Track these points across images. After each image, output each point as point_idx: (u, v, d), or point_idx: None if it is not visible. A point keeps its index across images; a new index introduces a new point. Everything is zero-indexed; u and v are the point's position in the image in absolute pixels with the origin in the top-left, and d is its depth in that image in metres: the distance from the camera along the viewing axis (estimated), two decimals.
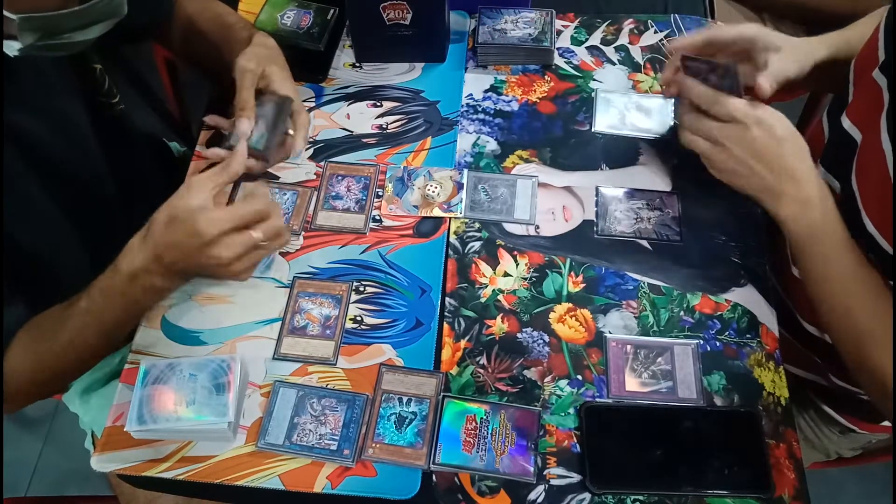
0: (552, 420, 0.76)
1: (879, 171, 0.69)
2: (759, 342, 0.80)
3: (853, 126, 0.76)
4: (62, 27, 0.65)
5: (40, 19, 0.63)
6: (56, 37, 0.66)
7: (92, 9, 0.65)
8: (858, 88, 0.77)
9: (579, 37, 1.06)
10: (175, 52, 1.01)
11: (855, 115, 0.76)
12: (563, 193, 0.91)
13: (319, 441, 0.73)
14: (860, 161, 0.74)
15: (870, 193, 0.72)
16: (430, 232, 0.88)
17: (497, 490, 0.72)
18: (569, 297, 0.83)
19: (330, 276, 0.85)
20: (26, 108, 0.73)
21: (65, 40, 0.67)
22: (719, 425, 0.75)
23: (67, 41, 0.67)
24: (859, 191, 0.73)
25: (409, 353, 0.80)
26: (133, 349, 0.80)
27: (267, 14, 1.02)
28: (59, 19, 0.64)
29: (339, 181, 0.92)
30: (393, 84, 1.01)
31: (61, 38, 0.66)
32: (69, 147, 0.79)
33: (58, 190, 0.79)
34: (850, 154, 0.75)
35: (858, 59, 0.78)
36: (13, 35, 0.64)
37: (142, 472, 0.73)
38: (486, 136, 0.96)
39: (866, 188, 0.72)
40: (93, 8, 0.65)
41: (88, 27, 0.68)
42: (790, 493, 0.72)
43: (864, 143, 0.73)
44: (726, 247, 0.87)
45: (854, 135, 0.75)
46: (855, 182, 0.74)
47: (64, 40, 0.67)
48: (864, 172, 0.73)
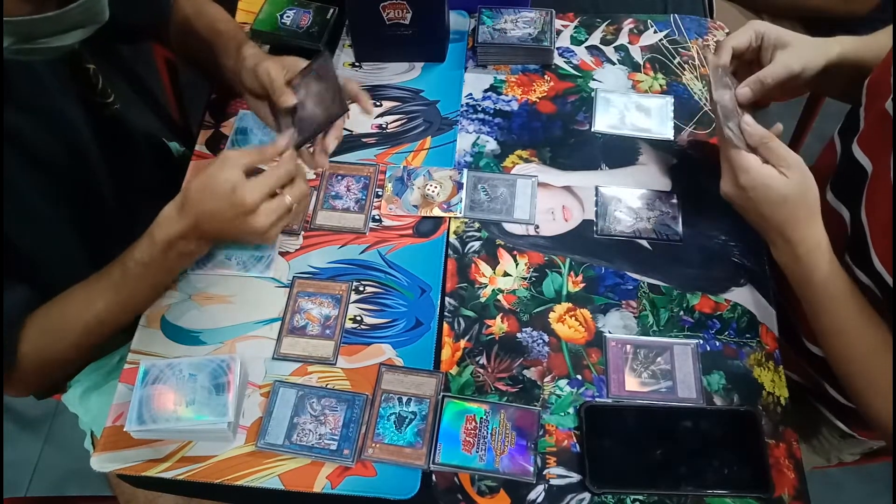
0: (552, 420, 0.76)
1: (888, 206, 0.69)
2: (758, 342, 0.80)
3: (864, 156, 0.75)
4: (37, 32, 0.65)
5: (12, 24, 0.62)
6: (32, 41, 0.66)
7: (67, 15, 0.65)
8: (870, 115, 0.76)
9: (579, 36, 1.06)
10: (173, 51, 1.01)
11: (866, 144, 0.75)
12: (562, 193, 0.91)
13: (319, 441, 0.73)
14: (870, 193, 0.73)
15: (878, 228, 0.71)
16: (429, 232, 0.88)
17: (497, 490, 0.72)
18: (568, 296, 0.83)
19: (330, 276, 0.85)
20: (20, 109, 0.73)
21: (41, 45, 0.67)
22: (719, 425, 0.75)
23: (44, 46, 0.67)
24: (868, 224, 0.72)
25: (408, 353, 0.80)
26: (133, 349, 0.80)
27: (266, 13, 1.02)
28: (32, 24, 0.64)
29: (339, 181, 0.92)
30: (393, 83, 1.01)
31: (37, 42, 0.66)
32: (64, 147, 0.79)
33: (53, 189, 0.79)
34: (860, 184, 0.74)
35: (871, 81, 0.77)
36: None
37: (142, 472, 0.73)
38: (486, 135, 0.96)
39: (875, 222, 0.72)
40: (68, 14, 0.65)
41: (66, 33, 0.68)
42: (790, 492, 0.72)
43: (875, 174, 0.73)
44: (726, 247, 0.87)
45: (865, 164, 0.74)
46: (864, 214, 0.73)
47: (40, 45, 0.67)
48: (873, 205, 0.72)
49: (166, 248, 0.74)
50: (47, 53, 0.69)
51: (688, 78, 1.01)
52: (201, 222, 0.73)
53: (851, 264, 0.76)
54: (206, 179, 0.72)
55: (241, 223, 0.72)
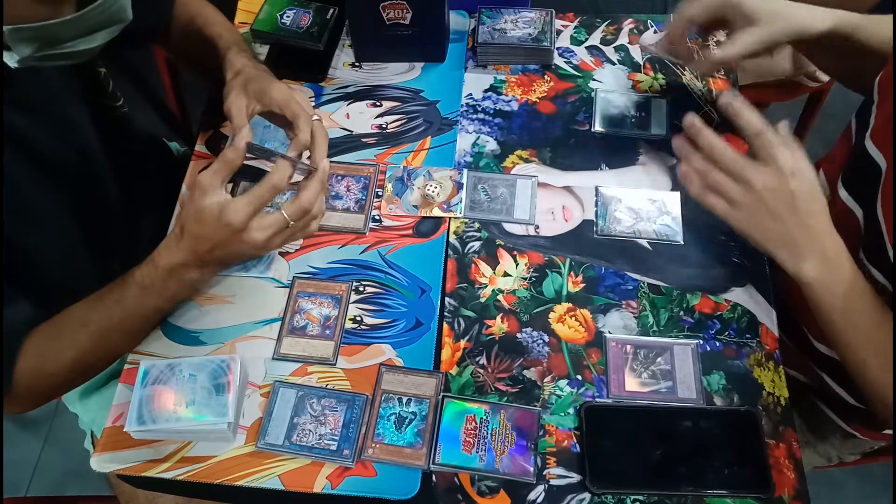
0: (552, 420, 0.76)
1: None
2: (758, 342, 0.80)
3: (878, 151, 0.74)
4: (59, 36, 0.64)
5: (30, 30, 0.61)
6: (56, 46, 0.64)
7: (88, 16, 0.64)
8: (882, 111, 0.74)
9: (579, 36, 1.06)
10: (173, 53, 1.01)
11: (879, 139, 0.74)
12: (562, 193, 0.91)
13: (319, 441, 0.73)
14: (885, 190, 0.72)
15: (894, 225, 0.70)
16: (429, 232, 0.88)
17: (497, 490, 0.72)
18: (568, 297, 0.83)
19: (330, 276, 0.85)
20: (28, 112, 0.73)
21: (67, 49, 0.65)
22: (719, 425, 0.75)
23: (70, 50, 0.66)
24: (884, 220, 0.71)
25: (408, 353, 0.80)
26: (133, 349, 0.80)
27: (266, 13, 1.02)
28: (53, 29, 0.62)
29: (339, 181, 0.92)
30: (392, 84, 1.01)
31: (62, 47, 0.65)
32: (71, 150, 0.79)
33: (62, 193, 0.79)
34: (874, 180, 0.73)
35: (883, 78, 0.75)
36: None
37: (142, 472, 0.73)
38: (486, 135, 0.96)
39: (891, 219, 0.70)
40: (89, 15, 0.64)
41: (90, 35, 0.66)
42: (790, 492, 0.72)
43: (889, 171, 0.71)
44: (726, 247, 0.87)
45: (878, 160, 0.73)
46: (881, 212, 0.72)
47: (66, 49, 0.65)
48: (888, 202, 0.71)
49: (167, 275, 0.73)
50: (75, 57, 0.67)
51: (688, 78, 1.01)
52: (198, 248, 0.72)
53: (866, 262, 0.75)
54: (193, 207, 0.71)
55: (235, 243, 0.71)
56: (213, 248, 0.72)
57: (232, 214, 0.70)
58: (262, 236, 0.71)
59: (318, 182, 0.74)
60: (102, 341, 0.75)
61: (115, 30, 0.69)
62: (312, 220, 0.76)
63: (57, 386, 0.78)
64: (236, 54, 0.85)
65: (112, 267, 0.79)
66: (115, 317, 0.74)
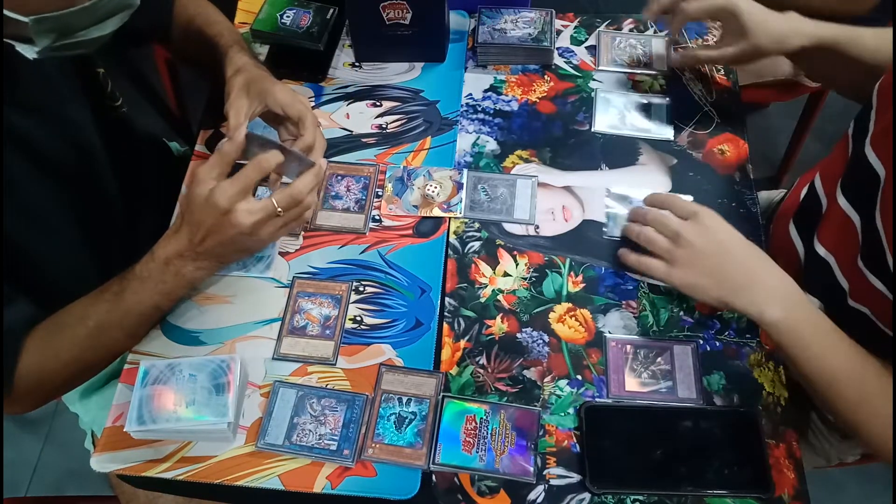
0: (552, 420, 0.76)
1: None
2: (758, 342, 0.80)
3: (877, 159, 0.74)
4: (75, 25, 0.65)
5: (51, 19, 0.62)
6: (71, 35, 0.65)
7: (101, 4, 0.65)
8: (882, 119, 0.74)
9: (579, 36, 1.06)
10: (173, 52, 1.01)
11: (878, 148, 0.74)
12: (562, 193, 0.91)
13: (319, 441, 0.73)
14: (885, 198, 0.72)
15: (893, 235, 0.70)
16: (429, 232, 0.88)
17: (497, 490, 0.72)
18: (568, 297, 0.83)
19: (329, 276, 0.85)
20: (29, 112, 0.73)
21: (80, 38, 0.66)
22: (719, 425, 0.75)
23: (83, 39, 0.67)
24: (884, 229, 0.71)
25: (408, 353, 0.80)
26: (133, 349, 0.80)
27: (266, 13, 1.02)
28: (69, 17, 0.63)
29: (339, 181, 0.92)
30: (392, 84, 1.01)
31: (76, 36, 0.66)
32: (74, 151, 0.79)
33: (62, 193, 0.79)
34: (873, 188, 0.73)
35: (883, 85, 0.76)
36: (29, 38, 0.64)
37: (142, 472, 0.73)
38: (486, 135, 0.96)
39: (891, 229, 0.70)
40: (101, 3, 0.65)
41: (102, 22, 0.67)
42: (790, 492, 0.72)
43: (888, 179, 0.71)
44: None
45: (877, 168, 0.73)
46: (880, 219, 0.72)
47: (80, 38, 0.66)
48: (888, 211, 0.71)
49: (164, 266, 0.74)
50: (88, 46, 0.68)
51: (688, 78, 1.01)
52: (193, 237, 0.73)
53: (865, 269, 0.75)
54: (188, 198, 0.73)
55: (226, 226, 0.72)
56: (206, 235, 0.73)
57: (218, 194, 0.71)
58: (249, 220, 0.72)
59: (312, 175, 0.76)
60: (101, 338, 0.75)
61: (125, 16, 0.70)
62: (304, 211, 0.77)
63: (57, 385, 0.78)
64: (237, 53, 0.86)
65: (112, 266, 0.79)
66: (114, 312, 0.74)
